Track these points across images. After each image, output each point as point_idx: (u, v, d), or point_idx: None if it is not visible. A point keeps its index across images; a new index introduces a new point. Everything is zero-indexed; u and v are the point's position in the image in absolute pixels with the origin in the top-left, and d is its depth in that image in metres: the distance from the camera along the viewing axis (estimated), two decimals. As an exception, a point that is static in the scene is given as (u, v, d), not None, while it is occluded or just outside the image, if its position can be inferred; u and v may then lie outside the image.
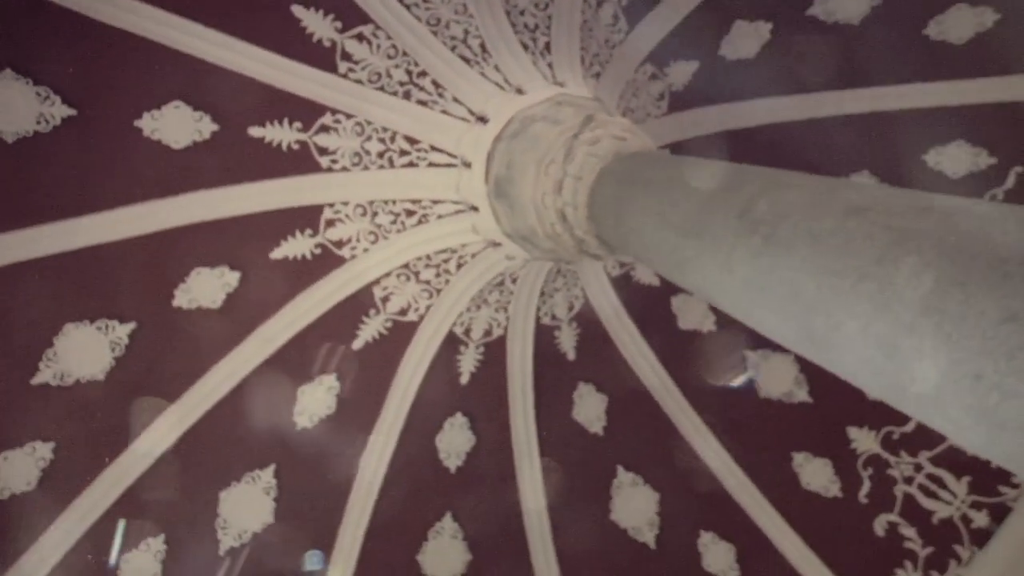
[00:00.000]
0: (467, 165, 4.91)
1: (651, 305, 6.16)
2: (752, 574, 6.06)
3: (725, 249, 2.86)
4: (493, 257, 5.24)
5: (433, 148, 5.09)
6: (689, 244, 3.04)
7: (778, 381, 6.14)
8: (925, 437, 5.75)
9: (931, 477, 5.80)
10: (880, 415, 5.89)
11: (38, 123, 4.40)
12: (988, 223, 2.12)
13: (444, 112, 5.05)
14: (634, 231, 3.42)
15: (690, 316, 6.18)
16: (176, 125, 4.68)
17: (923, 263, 2.19)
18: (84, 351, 4.70)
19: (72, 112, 4.43)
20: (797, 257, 2.56)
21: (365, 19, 4.91)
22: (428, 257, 5.38)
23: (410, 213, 5.27)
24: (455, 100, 5.05)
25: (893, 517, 5.82)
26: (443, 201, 5.17)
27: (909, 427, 5.82)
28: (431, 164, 5.10)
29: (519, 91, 4.93)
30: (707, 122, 5.85)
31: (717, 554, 6.09)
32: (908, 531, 5.80)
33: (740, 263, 2.78)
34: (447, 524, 5.89)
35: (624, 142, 4.04)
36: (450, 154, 5.04)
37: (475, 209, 4.96)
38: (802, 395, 6.09)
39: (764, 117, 5.78)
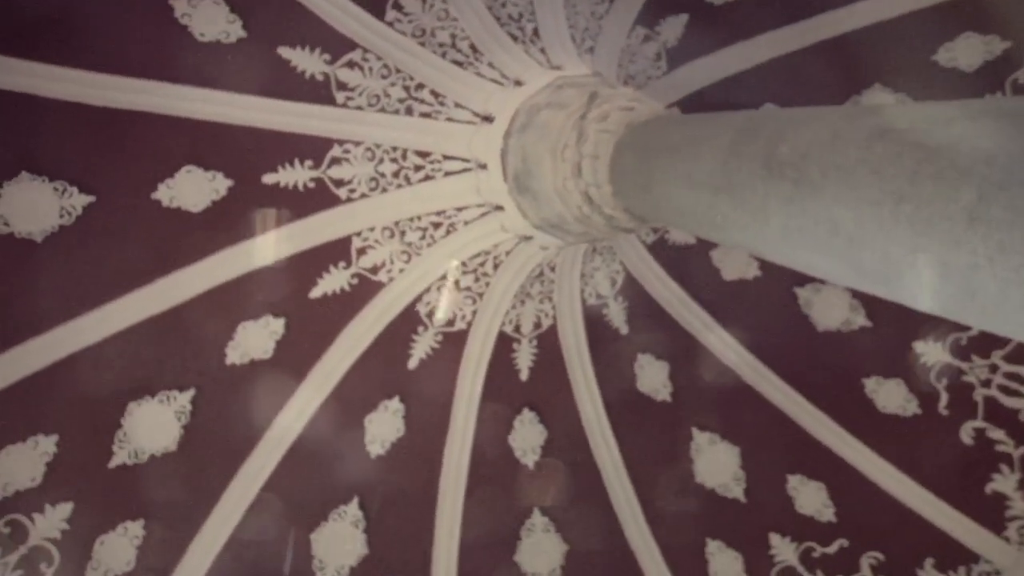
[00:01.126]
0: (483, 167, 4.91)
1: (692, 264, 6.11)
2: (848, 508, 5.99)
3: (756, 200, 2.84)
4: (527, 251, 5.24)
5: (446, 157, 5.10)
6: (720, 200, 3.02)
7: (834, 312, 6.06)
8: (992, 338, 5.64)
9: (1009, 375, 5.70)
10: (945, 324, 5.78)
11: (61, 217, 4.48)
12: (1020, 120, 2.07)
13: (449, 120, 5.05)
14: (662, 197, 3.40)
15: (732, 267, 6.11)
16: (191, 189, 4.73)
17: (959, 174, 2.15)
18: (152, 426, 4.77)
19: (91, 199, 4.50)
20: (829, 194, 2.53)
21: (351, 45, 4.92)
22: (464, 264, 5.39)
23: (437, 225, 5.28)
24: (457, 105, 5.04)
25: (978, 423, 5.72)
26: (467, 207, 5.17)
27: (975, 331, 5.71)
28: (447, 173, 5.10)
29: (518, 83, 4.91)
30: (711, 71, 5.77)
31: (808, 495, 6.03)
32: (996, 433, 5.70)
33: (774, 212, 2.76)
34: (537, 520, 5.92)
35: (633, 111, 4.01)
36: (463, 159, 5.04)
37: (500, 208, 4.96)
38: (860, 320, 6.00)
39: (768, 52, 5.69)
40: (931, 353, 5.88)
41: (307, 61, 4.83)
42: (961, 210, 2.12)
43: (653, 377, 6.15)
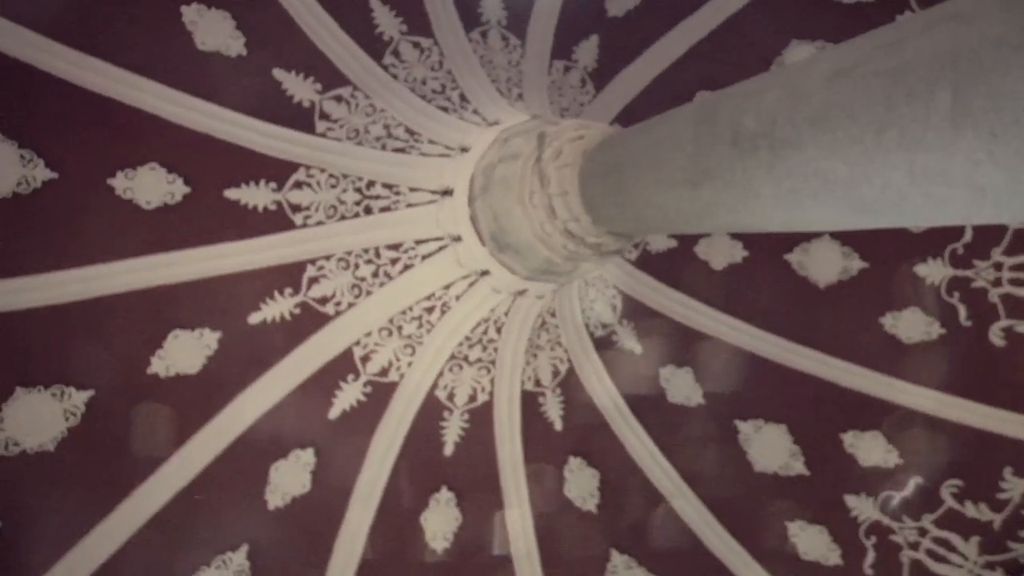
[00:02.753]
0: (457, 239, 4.93)
1: (680, 265, 6.13)
2: (909, 447, 5.94)
3: (738, 178, 2.86)
4: (525, 305, 5.24)
5: (419, 242, 5.12)
6: (702, 192, 3.04)
7: (829, 266, 6.08)
8: (987, 238, 5.68)
9: (1015, 267, 5.73)
10: (937, 240, 5.81)
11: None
12: (970, 17, 2.11)
13: (410, 205, 5.11)
14: (643, 208, 3.41)
15: (719, 255, 6.14)
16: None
17: (929, 85, 2.18)
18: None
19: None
20: (810, 148, 2.55)
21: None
22: (467, 338, 5.38)
23: (430, 310, 5.29)
24: (412, 190, 5.11)
25: (1003, 323, 5.73)
26: (453, 282, 5.18)
27: (968, 237, 5.73)
28: (424, 257, 5.12)
29: (463, 149, 4.97)
30: (637, 78, 5.87)
31: (868, 448, 5.98)
32: None
33: (761, 183, 2.77)
34: (616, 560, 5.83)
35: (584, 139, 4.05)
36: (436, 239, 5.07)
37: (486, 273, 4.96)
38: (857, 265, 6.02)
39: (683, 43, 5.82)
40: (934, 272, 5.91)
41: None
42: (943, 117, 2.15)
43: (678, 390, 6.11)
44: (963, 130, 2.11)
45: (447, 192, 4.93)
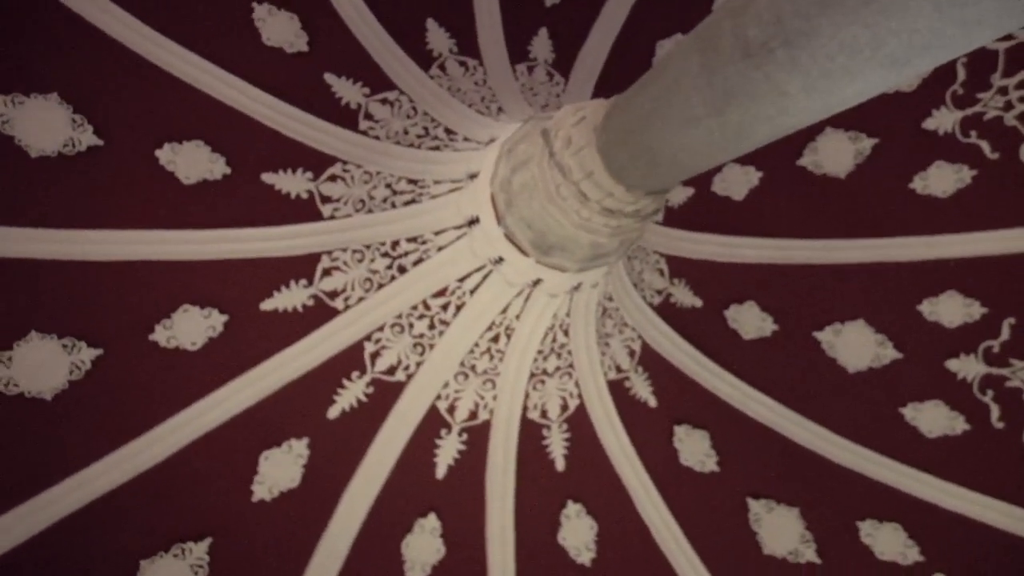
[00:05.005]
0: (499, 261, 4.96)
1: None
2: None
3: (764, 87, 2.88)
4: (583, 299, 5.26)
5: (461, 280, 5.15)
6: (730, 112, 3.06)
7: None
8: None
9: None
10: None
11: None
12: None
13: (440, 248, 5.14)
14: (677, 154, 3.44)
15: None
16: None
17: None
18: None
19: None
20: (825, 27, 2.58)
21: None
22: (540, 352, 5.39)
23: (495, 339, 5.30)
24: (437, 233, 5.16)
25: None
26: (509, 304, 5.19)
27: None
28: (472, 291, 5.16)
29: (471, 177, 5.01)
30: (599, 48, 5.94)
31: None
32: None
33: (787, 82, 2.80)
34: None
35: (585, 119, 4.08)
36: (479, 270, 5.10)
37: (539, 282, 4.99)
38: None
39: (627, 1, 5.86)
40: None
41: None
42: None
43: (748, 322, 6.04)
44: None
45: (473, 221, 4.96)
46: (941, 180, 5.92)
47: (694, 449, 5.78)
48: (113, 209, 4.75)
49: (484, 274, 5.09)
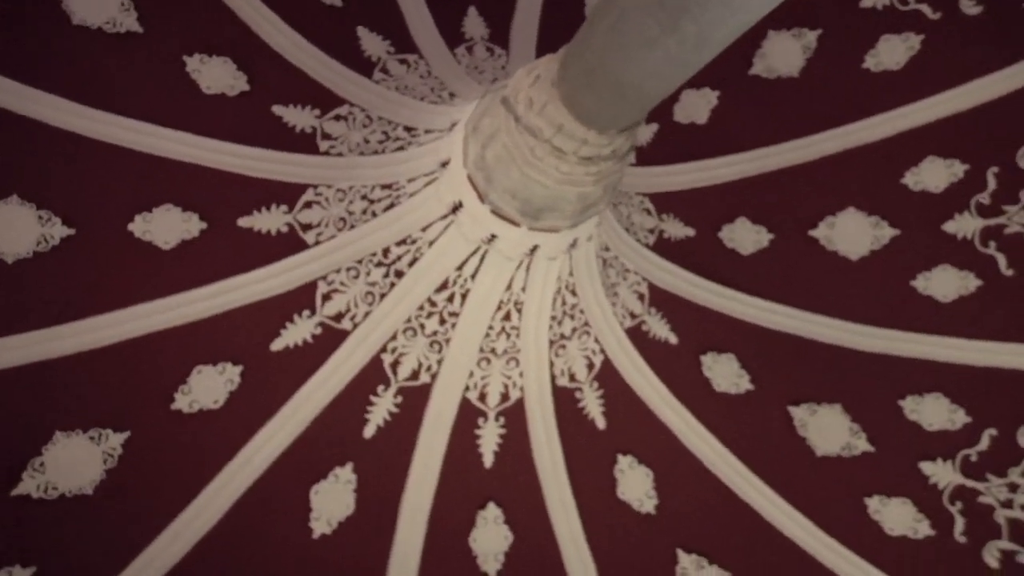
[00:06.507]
0: (491, 239, 4.95)
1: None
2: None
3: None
4: (582, 254, 5.25)
5: (459, 268, 5.15)
6: (685, 24, 3.07)
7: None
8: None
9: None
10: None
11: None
12: None
13: (431, 243, 5.14)
14: (643, 81, 3.45)
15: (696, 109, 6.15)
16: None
17: None
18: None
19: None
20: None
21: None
22: (553, 318, 5.39)
23: (507, 317, 5.30)
24: (425, 228, 5.15)
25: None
26: (512, 279, 5.20)
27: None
28: (474, 275, 5.15)
29: (444, 164, 5.01)
30: (529, 17, 5.95)
31: (940, 282, 5.80)
32: None
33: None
34: None
35: (540, 77, 4.09)
36: (472, 251, 5.09)
37: (536, 249, 4.99)
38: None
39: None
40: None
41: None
42: None
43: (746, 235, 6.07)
44: None
45: (457, 207, 4.96)
46: (891, 53, 5.97)
47: (725, 373, 5.81)
48: (103, 291, 4.74)
49: (480, 256, 5.08)
